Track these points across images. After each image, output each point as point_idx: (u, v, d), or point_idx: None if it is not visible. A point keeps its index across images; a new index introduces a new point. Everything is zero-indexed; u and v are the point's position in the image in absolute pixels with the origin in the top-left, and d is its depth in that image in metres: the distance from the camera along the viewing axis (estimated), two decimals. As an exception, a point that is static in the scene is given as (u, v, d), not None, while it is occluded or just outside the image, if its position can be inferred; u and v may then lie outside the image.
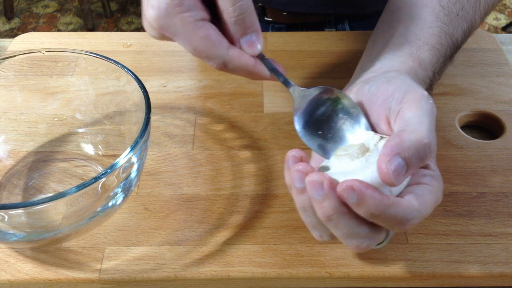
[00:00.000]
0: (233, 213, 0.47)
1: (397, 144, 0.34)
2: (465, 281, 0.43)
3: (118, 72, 0.47)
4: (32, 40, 0.65)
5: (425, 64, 0.45)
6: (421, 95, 0.37)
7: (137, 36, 0.67)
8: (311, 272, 0.43)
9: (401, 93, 0.38)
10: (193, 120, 0.56)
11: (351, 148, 0.39)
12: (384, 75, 0.42)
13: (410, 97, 0.37)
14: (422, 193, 0.36)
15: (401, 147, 0.33)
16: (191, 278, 0.43)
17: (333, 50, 0.65)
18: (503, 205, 0.47)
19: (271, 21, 0.76)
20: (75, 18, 2.26)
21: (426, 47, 0.45)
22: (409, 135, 0.34)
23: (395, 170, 0.33)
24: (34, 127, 0.53)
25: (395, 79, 0.40)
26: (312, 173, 0.35)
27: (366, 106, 0.41)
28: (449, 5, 0.47)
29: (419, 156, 0.34)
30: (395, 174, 0.33)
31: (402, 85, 0.39)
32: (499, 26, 2.17)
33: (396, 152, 0.33)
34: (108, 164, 0.39)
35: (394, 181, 0.33)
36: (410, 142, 0.34)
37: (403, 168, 0.33)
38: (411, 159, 0.34)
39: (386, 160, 0.33)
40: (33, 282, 0.42)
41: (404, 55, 0.45)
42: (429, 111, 0.36)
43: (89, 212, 0.40)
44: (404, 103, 0.37)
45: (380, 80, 0.41)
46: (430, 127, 0.35)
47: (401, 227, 0.36)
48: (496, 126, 0.55)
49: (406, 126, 0.35)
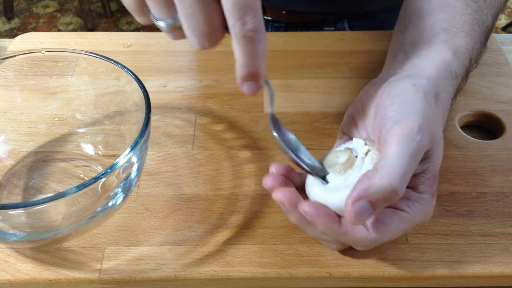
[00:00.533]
0: (233, 213, 0.47)
1: (365, 188, 0.35)
2: (465, 281, 0.43)
3: (118, 72, 0.47)
4: (32, 40, 0.65)
5: (461, 52, 0.44)
6: (409, 130, 0.37)
7: (137, 36, 0.67)
8: (311, 272, 0.43)
9: (393, 122, 0.38)
10: (193, 120, 0.56)
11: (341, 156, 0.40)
12: (399, 83, 0.41)
13: (397, 131, 0.37)
14: (389, 222, 0.38)
15: (368, 192, 0.35)
16: (191, 278, 0.43)
17: (333, 50, 0.64)
18: (503, 205, 0.47)
19: (271, 20, 0.76)
20: (75, 18, 2.26)
21: (461, 34, 0.45)
22: (378, 180, 0.35)
23: (357, 211, 0.35)
24: (34, 127, 0.53)
25: (401, 97, 0.40)
26: (275, 191, 0.40)
27: (375, 111, 0.41)
28: None
29: (385, 200, 0.36)
30: (357, 215, 0.35)
31: (400, 108, 0.39)
32: (499, 26, 2.17)
33: (362, 196, 0.35)
34: (108, 164, 0.39)
35: (356, 222, 0.36)
36: (378, 188, 0.35)
37: (368, 210, 0.35)
38: (377, 202, 0.35)
39: (351, 203, 0.35)
40: (33, 282, 0.42)
41: (439, 43, 0.44)
42: (411, 150, 0.36)
43: (89, 212, 0.40)
44: (390, 135, 0.37)
45: (393, 88, 0.41)
46: (406, 168, 0.36)
47: (356, 248, 0.41)
48: (496, 126, 0.55)
49: (380, 165, 0.36)
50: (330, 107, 0.57)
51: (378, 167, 0.36)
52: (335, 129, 0.54)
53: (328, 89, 0.60)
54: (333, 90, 0.59)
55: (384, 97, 0.40)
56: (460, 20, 0.46)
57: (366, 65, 0.63)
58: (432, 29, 0.46)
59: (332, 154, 0.41)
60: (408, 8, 0.51)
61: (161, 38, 0.66)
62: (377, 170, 0.36)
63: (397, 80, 0.42)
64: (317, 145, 0.53)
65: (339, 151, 0.41)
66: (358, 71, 0.62)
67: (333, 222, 0.38)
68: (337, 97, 0.58)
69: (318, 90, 0.59)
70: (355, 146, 0.41)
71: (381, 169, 0.36)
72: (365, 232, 0.38)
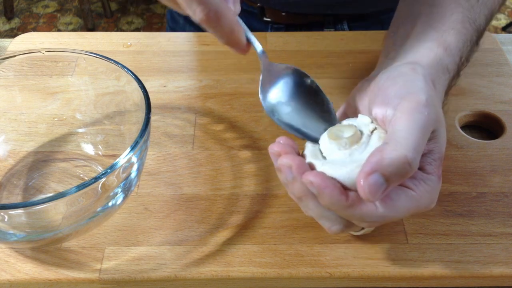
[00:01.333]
0: (233, 213, 0.47)
1: (377, 161, 0.34)
2: (465, 281, 0.43)
3: (118, 72, 0.47)
4: (32, 40, 0.65)
5: (451, 49, 0.44)
6: (416, 103, 0.37)
7: (137, 36, 0.67)
8: (311, 272, 0.43)
9: (398, 98, 0.38)
10: (193, 120, 0.56)
11: (346, 131, 0.39)
12: (397, 69, 0.41)
13: (405, 105, 0.37)
14: (396, 198, 0.36)
15: (381, 164, 0.34)
16: (191, 278, 0.43)
17: (332, 50, 0.65)
18: (503, 205, 0.47)
19: (270, 21, 0.76)
20: (75, 18, 2.26)
21: (451, 31, 0.45)
22: (391, 152, 0.34)
23: (371, 185, 0.33)
24: (34, 127, 0.53)
25: (402, 77, 0.40)
26: (283, 156, 0.37)
27: (373, 98, 0.41)
28: None
29: (399, 173, 0.34)
30: (370, 188, 0.33)
31: (403, 87, 0.39)
32: (499, 26, 2.17)
33: (375, 169, 0.34)
34: (108, 164, 0.39)
35: (370, 198, 0.34)
36: (391, 160, 0.34)
37: (382, 185, 0.34)
38: (390, 176, 0.34)
39: (365, 177, 0.34)
40: (33, 282, 0.42)
41: (430, 40, 0.44)
42: (420, 123, 0.36)
43: (89, 212, 0.40)
44: (398, 110, 0.37)
45: (390, 73, 0.41)
46: (418, 141, 0.35)
47: (361, 224, 0.38)
48: (496, 126, 0.55)
49: (392, 138, 0.35)
50: (330, 107, 0.57)
51: (388, 141, 0.35)
52: (335, 129, 0.54)
53: (328, 89, 0.59)
54: (333, 90, 0.59)
55: (383, 82, 0.40)
56: (451, 18, 0.46)
57: (366, 65, 0.63)
58: (423, 27, 0.46)
59: (336, 128, 0.40)
60: (400, 8, 0.51)
61: (161, 38, 0.66)
62: (388, 144, 0.35)
63: (394, 67, 0.42)
64: (317, 145, 0.53)
65: (344, 125, 0.40)
66: (358, 71, 0.62)
67: (340, 194, 0.35)
68: (337, 97, 0.58)
69: (318, 90, 0.59)
70: (360, 123, 0.40)
71: (393, 142, 0.35)
72: (373, 207, 0.36)
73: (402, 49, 0.45)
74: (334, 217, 0.38)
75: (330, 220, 0.39)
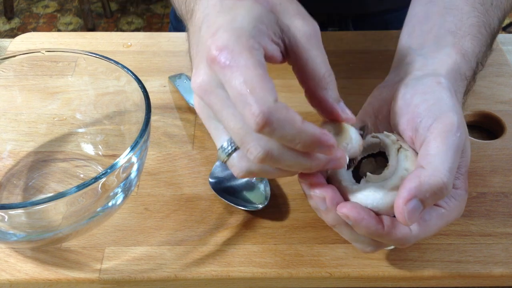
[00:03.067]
0: (233, 213, 0.47)
1: (416, 187, 0.35)
2: (465, 281, 0.43)
3: (118, 72, 0.47)
4: (32, 40, 0.65)
5: (468, 55, 0.44)
6: (450, 126, 0.37)
7: (137, 36, 0.67)
8: (311, 272, 0.43)
9: (430, 119, 0.38)
10: (193, 120, 0.56)
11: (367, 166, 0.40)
12: (422, 82, 0.41)
13: (438, 127, 0.37)
14: (428, 219, 0.37)
15: (419, 190, 0.35)
16: (191, 278, 0.43)
17: (333, 50, 0.64)
18: (503, 205, 0.47)
19: None
20: (75, 18, 2.26)
21: (468, 37, 0.45)
22: (429, 178, 0.35)
23: (410, 211, 0.35)
24: (34, 127, 0.53)
25: (430, 94, 0.40)
26: (316, 188, 0.37)
27: (398, 112, 0.41)
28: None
29: (436, 197, 0.35)
30: (410, 214, 0.35)
31: (434, 105, 0.39)
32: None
33: (414, 195, 0.35)
34: (108, 164, 0.39)
35: (409, 223, 0.35)
36: (429, 186, 0.35)
37: (419, 209, 0.35)
38: (427, 200, 0.35)
39: (403, 202, 0.35)
40: (33, 282, 0.42)
41: (447, 46, 0.44)
42: (454, 147, 0.36)
43: (89, 212, 0.40)
44: (431, 133, 0.37)
45: (416, 88, 0.41)
46: (452, 165, 0.36)
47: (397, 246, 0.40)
48: (496, 126, 0.55)
49: (427, 162, 0.36)
50: (330, 107, 0.57)
51: (424, 165, 0.36)
52: (335, 129, 0.54)
53: (328, 89, 0.59)
54: (333, 90, 0.59)
55: (409, 97, 0.40)
56: (467, 22, 0.46)
57: (366, 65, 0.63)
58: (440, 31, 0.46)
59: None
60: (415, 10, 0.50)
61: (161, 38, 0.66)
62: (424, 168, 0.36)
63: (417, 79, 0.42)
64: (317, 145, 0.53)
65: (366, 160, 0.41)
66: (358, 71, 0.62)
67: (377, 224, 0.36)
68: (337, 97, 0.58)
69: (318, 90, 0.59)
70: (385, 141, 0.40)
71: (429, 167, 0.35)
72: (407, 230, 0.37)
73: (419, 54, 0.45)
74: (368, 240, 0.39)
75: (364, 243, 0.39)
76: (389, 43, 0.66)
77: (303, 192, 0.39)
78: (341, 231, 0.39)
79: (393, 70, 0.47)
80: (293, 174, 0.37)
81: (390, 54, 0.64)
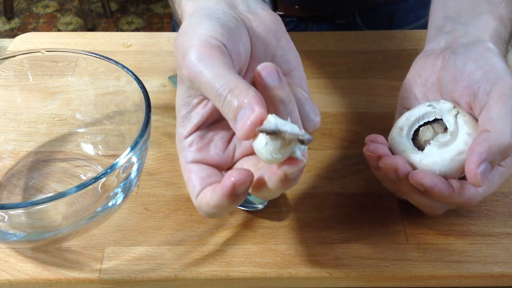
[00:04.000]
0: (233, 213, 0.47)
1: (486, 150, 0.37)
2: (465, 281, 0.43)
3: (118, 72, 0.47)
4: (32, 40, 0.65)
5: (505, 20, 0.45)
6: (509, 90, 0.39)
7: (137, 36, 0.67)
8: (311, 272, 0.43)
9: (489, 84, 0.39)
10: (193, 120, 0.56)
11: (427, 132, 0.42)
12: (472, 49, 0.42)
13: (498, 92, 0.39)
14: (491, 178, 0.40)
15: (489, 153, 0.37)
16: (191, 278, 0.43)
17: (333, 50, 0.64)
18: (503, 205, 0.47)
19: (282, 14, 0.75)
20: (75, 18, 2.26)
21: (503, 3, 0.46)
22: (496, 141, 0.37)
23: (482, 173, 0.37)
24: (34, 127, 0.53)
25: (483, 60, 0.41)
26: (385, 158, 0.40)
27: (451, 80, 0.42)
28: None
29: (502, 158, 0.38)
30: (482, 177, 0.37)
31: (490, 71, 0.40)
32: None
33: (485, 158, 0.37)
34: (108, 164, 0.39)
35: (481, 183, 0.37)
36: (497, 148, 0.37)
37: (489, 170, 0.37)
38: (495, 161, 0.37)
39: (475, 166, 0.36)
40: (33, 282, 0.42)
41: (484, 13, 0.45)
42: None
43: (89, 212, 0.40)
44: (492, 97, 0.39)
45: (467, 55, 0.42)
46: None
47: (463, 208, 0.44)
48: (496, 126, 0.55)
49: (491, 125, 0.38)
50: (330, 107, 0.57)
51: (489, 128, 0.38)
52: (335, 129, 0.54)
53: (328, 89, 0.60)
54: (333, 90, 0.59)
55: (461, 64, 0.41)
56: None
57: (366, 65, 0.63)
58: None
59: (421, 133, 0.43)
60: None
61: (161, 38, 0.66)
62: (489, 132, 0.37)
63: (465, 46, 0.43)
64: (317, 145, 0.53)
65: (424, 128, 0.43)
66: (358, 71, 0.62)
67: (449, 188, 0.38)
68: (337, 97, 0.58)
69: (318, 90, 0.59)
70: (442, 109, 0.42)
71: (494, 130, 0.37)
72: (474, 191, 0.39)
73: (458, 22, 0.46)
74: (437, 204, 0.41)
75: (433, 207, 0.42)
76: (389, 43, 0.66)
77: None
78: (412, 197, 0.41)
79: (432, 39, 0.48)
80: None
81: (390, 54, 0.65)
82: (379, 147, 0.41)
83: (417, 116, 0.43)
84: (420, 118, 0.43)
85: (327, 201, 0.48)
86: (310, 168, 0.51)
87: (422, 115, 0.43)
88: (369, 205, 0.47)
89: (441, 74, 0.43)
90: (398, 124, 0.44)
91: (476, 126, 0.40)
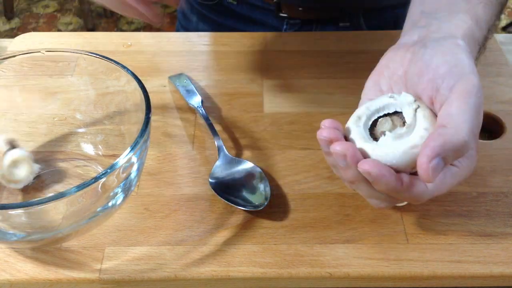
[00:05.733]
0: (233, 213, 0.47)
1: (440, 145, 0.36)
2: (465, 281, 0.43)
3: (118, 72, 0.47)
4: (32, 40, 0.65)
5: (481, 22, 0.45)
6: (472, 87, 0.38)
7: (137, 36, 0.67)
8: (311, 272, 0.43)
9: (452, 80, 0.39)
10: (193, 120, 0.56)
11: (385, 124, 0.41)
12: (441, 44, 0.42)
13: (460, 88, 0.38)
14: (443, 176, 0.39)
15: (443, 149, 0.36)
16: (191, 278, 0.43)
17: (333, 50, 0.64)
18: (503, 205, 0.47)
19: (286, 16, 0.75)
20: (75, 18, 2.26)
21: (480, 5, 0.46)
22: (452, 137, 0.36)
23: (434, 168, 0.36)
24: (34, 127, 0.53)
25: (451, 55, 0.40)
26: (336, 143, 0.39)
27: (417, 73, 0.41)
28: None
29: (456, 156, 0.37)
30: (433, 172, 0.36)
31: (456, 66, 0.39)
32: (499, 26, 2.17)
33: (438, 154, 0.36)
34: (108, 164, 0.39)
35: (431, 180, 0.36)
36: (452, 144, 0.36)
37: (441, 166, 0.36)
38: (449, 158, 0.36)
39: (427, 160, 0.36)
40: (33, 282, 0.42)
41: (460, 12, 0.45)
42: (475, 107, 0.37)
43: (89, 212, 0.40)
44: (454, 93, 0.38)
45: (436, 49, 0.41)
46: (473, 125, 0.37)
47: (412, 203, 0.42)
48: (496, 126, 0.55)
49: (449, 121, 0.37)
50: (330, 107, 0.57)
51: (446, 124, 0.37)
52: (335, 129, 0.54)
53: (328, 89, 0.60)
54: (333, 90, 0.59)
55: (429, 58, 0.41)
56: None
57: (366, 65, 0.62)
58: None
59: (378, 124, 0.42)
60: None
61: (161, 38, 0.66)
62: (446, 127, 0.37)
63: (435, 41, 0.42)
64: (317, 145, 0.53)
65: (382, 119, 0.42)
66: (358, 71, 0.62)
67: (396, 180, 0.37)
68: (337, 97, 0.58)
69: (318, 90, 0.59)
70: (402, 101, 0.41)
71: (452, 126, 0.37)
72: (423, 187, 0.38)
73: (434, 18, 0.45)
74: (384, 196, 0.40)
75: (379, 199, 0.41)
76: (389, 43, 0.66)
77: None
78: (359, 187, 0.40)
79: (406, 33, 0.47)
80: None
81: (390, 54, 0.64)
82: (332, 132, 0.40)
83: (378, 107, 0.42)
84: (380, 109, 0.42)
85: (327, 201, 0.48)
86: (310, 168, 0.51)
87: (382, 106, 0.42)
88: (369, 205, 0.47)
89: (409, 67, 0.42)
90: (356, 113, 0.43)
91: (435, 122, 0.39)
